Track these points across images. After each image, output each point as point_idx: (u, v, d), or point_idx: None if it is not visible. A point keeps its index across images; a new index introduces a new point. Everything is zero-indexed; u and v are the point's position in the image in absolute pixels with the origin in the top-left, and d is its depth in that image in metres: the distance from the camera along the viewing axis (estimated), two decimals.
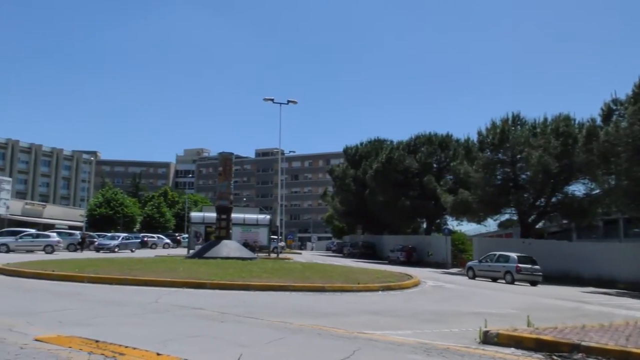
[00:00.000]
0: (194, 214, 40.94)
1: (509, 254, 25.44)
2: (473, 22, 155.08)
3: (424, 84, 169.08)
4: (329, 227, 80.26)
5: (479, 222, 39.10)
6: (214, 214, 28.54)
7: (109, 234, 44.68)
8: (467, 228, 50.02)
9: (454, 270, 34.33)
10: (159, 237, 52.28)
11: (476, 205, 33.06)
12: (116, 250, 37.23)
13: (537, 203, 33.11)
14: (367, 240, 53.28)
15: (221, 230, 26.98)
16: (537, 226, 36.24)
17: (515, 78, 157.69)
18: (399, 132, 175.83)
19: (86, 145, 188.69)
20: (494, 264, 25.57)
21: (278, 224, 45.41)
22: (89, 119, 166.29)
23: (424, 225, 51.28)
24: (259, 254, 32.01)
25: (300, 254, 51.26)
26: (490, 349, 6.81)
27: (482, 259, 27.20)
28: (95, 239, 40.62)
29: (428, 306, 12.14)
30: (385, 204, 45.53)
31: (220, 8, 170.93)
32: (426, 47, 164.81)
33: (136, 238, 44.26)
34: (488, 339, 7.30)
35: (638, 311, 14.28)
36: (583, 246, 31.03)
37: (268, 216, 41.02)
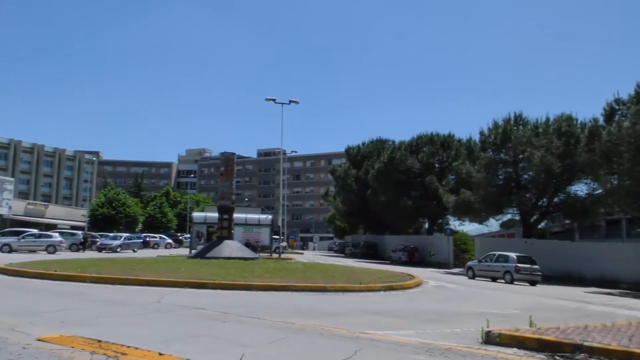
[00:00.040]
0: (196, 214, 40.97)
1: (508, 254, 25.42)
2: (474, 22, 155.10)
3: (426, 84, 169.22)
4: (331, 227, 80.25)
5: (481, 222, 39.06)
6: (216, 214, 28.57)
7: (111, 234, 44.73)
8: (469, 228, 49.98)
9: (456, 270, 34.26)
10: (161, 237, 52.38)
11: (478, 205, 33.02)
12: (118, 250, 37.29)
13: (540, 203, 33.05)
14: (369, 240, 53.27)
15: (223, 230, 27.00)
16: (540, 226, 36.15)
17: (516, 78, 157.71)
18: (400, 132, 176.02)
19: (88, 145, 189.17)
20: (493, 264, 25.56)
21: (280, 224, 45.40)
22: (91, 119, 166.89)
23: (426, 225, 51.23)
24: (261, 254, 32.02)
25: (302, 254, 51.26)
26: (493, 349, 6.81)
27: (482, 258, 27.23)
28: (98, 239, 40.72)
29: (430, 306, 12.13)
30: (387, 204, 45.51)
31: (221, 8, 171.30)
32: (427, 47, 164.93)
33: (138, 238, 44.35)
34: (490, 339, 7.29)
35: None
36: (585, 246, 30.97)
37: (270, 216, 41.04)
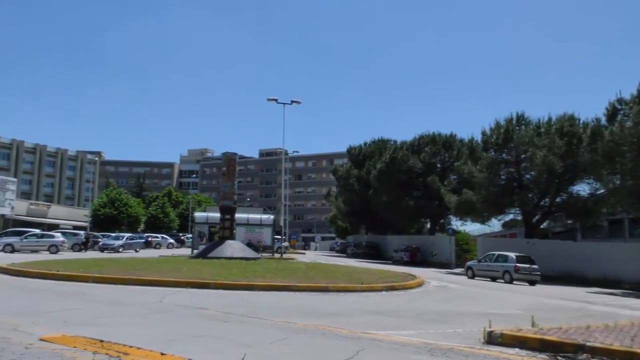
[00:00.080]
0: (198, 214, 41.01)
1: (508, 253, 25.49)
2: (475, 23, 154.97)
3: (427, 84, 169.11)
4: (333, 227, 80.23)
5: (483, 222, 38.98)
6: (218, 214, 28.59)
7: (113, 234, 44.80)
8: (471, 228, 49.91)
9: (458, 270, 34.18)
10: (163, 237, 52.46)
11: (480, 205, 32.97)
12: (120, 250, 37.33)
13: (542, 203, 32.99)
14: (371, 240, 53.25)
15: (225, 230, 27.01)
16: (542, 226, 36.10)
17: (518, 78, 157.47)
18: (402, 132, 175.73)
19: (90, 145, 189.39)
20: (492, 264, 25.64)
21: (282, 224, 45.49)
22: (94, 119, 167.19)
23: (428, 225, 51.18)
24: (263, 254, 32.03)
25: (303, 254, 51.24)
26: (495, 349, 6.80)
27: (481, 258, 27.37)
28: (100, 239, 40.79)
29: (432, 306, 12.12)
30: (389, 204, 45.48)
31: (222, 8, 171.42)
32: (429, 47, 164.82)
33: (140, 238, 44.42)
34: (492, 339, 7.29)
35: None
36: (588, 246, 30.90)
37: (272, 216, 41.06)
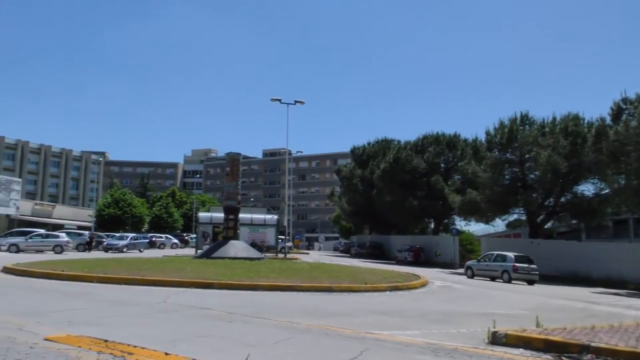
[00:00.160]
0: (202, 214, 41.06)
1: (506, 253, 25.70)
2: (476, 23, 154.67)
3: (430, 84, 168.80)
4: (337, 227, 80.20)
5: (487, 222, 38.90)
6: (222, 214, 28.60)
7: (118, 234, 44.94)
8: (475, 228, 49.83)
9: (462, 270, 34.07)
10: (167, 237, 52.54)
11: (484, 205, 32.89)
12: (124, 250, 37.44)
13: (546, 203, 32.88)
14: (375, 240, 53.21)
15: (229, 230, 27.01)
16: (546, 226, 35.98)
17: (518, 78, 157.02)
18: (406, 132, 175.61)
19: (95, 146, 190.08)
20: (491, 264, 25.85)
21: (285, 224, 45.49)
22: (98, 119, 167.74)
23: (432, 226, 51.12)
24: (267, 254, 32.04)
25: (307, 254, 51.29)
26: (499, 350, 6.79)
27: (481, 258, 27.70)
28: (104, 239, 40.91)
29: (436, 306, 12.10)
30: (393, 204, 45.44)
31: (225, 7, 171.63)
32: (431, 47, 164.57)
33: (144, 238, 44.53)
34: (496, 339, 7.27)
35: None
36: (592, 246, 30.81)
37: (275, 216, 41.06)
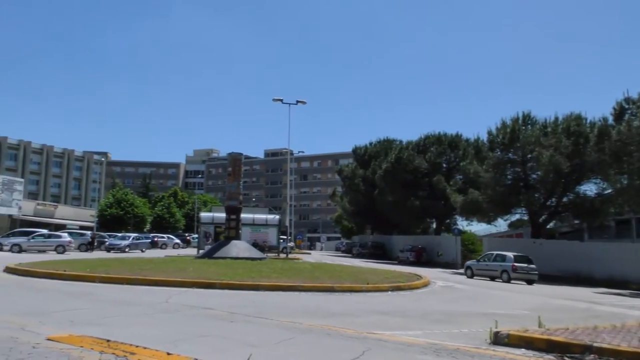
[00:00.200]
0: (204, 214, 41.08)
1: (506, 253, 25.87)
2: (476, 23, 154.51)
3: (432, 84, 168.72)
4: (338, 227, 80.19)
5: (489, 222, 38.87)
6: (224, 214, 28.63)
7: (120, 234, 45.00)
8: (477, 228, 49.72)
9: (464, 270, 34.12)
10: (169, 237, 52.60)
11: (486, 205, 32.86)
12: (127, 250, 37.50)
13: (548, 203, 32.83)
14: (377, 240, 53.18)
15: (230, 230, 27.04)
16: (548, 226, 35.92)
17: (519, 78, 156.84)
18: (408, 132, 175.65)
19: (97, 146, 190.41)
20: (491, 263, 25.99)
21: (287, 224, 45.41)
22: (100, 120, 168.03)
23: (434, 226, 51.06)
24: (268, 254, 32.07)
25: (309, 254, 51.28)
26: (501, 350, 6.78)
27: (480, 258, 27.87)
28: (106, 239, 40.98)
29: (438, 306, 12.09)
30: (395, 204, 45.41)
31: (227, 7, 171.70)
32: (433, 47, 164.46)
33: (146, 238, 44.60)
34: (498, 339, 7.26)
35: None
36: (595, 246, 30.75)
37: (277, 216, 41.07)
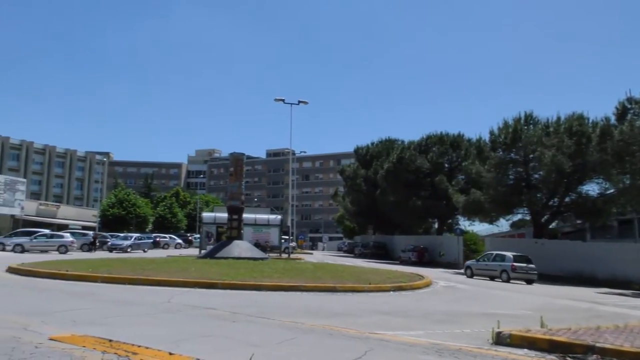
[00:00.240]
0: (206, 215, 41.10)
1: (505, 253, 26.03)
2: (476, 23, 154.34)
3: (431, 84, 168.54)
4: (340, 228, 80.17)
5: (491, 222, 38.82)
6: (226, 214, 28.65)
7: (122, 234, 45.07)
8: (479, 228, 49.68)
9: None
10: (171, 238, 52.66)
11: (488, 205, 32.82)
12: (129, 250, 37.54)
13: (550, 203, 32.79)
14: (379, 240, 53.16)
15: (232, 230, 27.05)
16: (551, 226, 35.89)
17: (519, 78, 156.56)
18: (410, 132, 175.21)
19: (99, 146, 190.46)
20: (490, 263, 26.15)
21: (289, 224, 45.44)
22: (102, 120, 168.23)
23: (436, 226, 51.01)
24: (270, 254, 32.07)
25: (311, 254, 51.27)
26: (503, 350, 6.77)
27: (480, 258, 28.02)
28: (108, 239, 41.04)
29: (440, 306, 12.08)
30: (397, 204, 45.39)
31: (228, 6, 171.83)
32: (430, 48, 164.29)
33: (148, 238, 44.66)
34: (501, 339, 7.25)
35: None
36: (597, 246, 30.68)
37: (279, 216, 41.06)
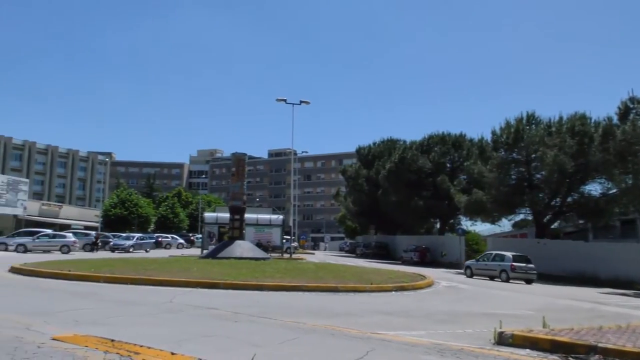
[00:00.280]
0: (208, 215, 41.12)
1: (505, 253, 26.12)
2: (476, 23, 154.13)
3: (431, 84, 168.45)
4: (342, 228, 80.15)
5: (493, 222, 38.77)
6: (227, 215, 28.64)
7: (124, 234, 45.14)
8: (481, 228, 49.68)
9: None
10: (173, 238, 52.70)
11: (490, 205, 32.77)
12: (131, 250, 37.59)
13: (553, 203, 32.72)
14: (380, 240, 53.10)
15: (234, 230, 27.04)
16: (553, 226, 35.83)
17: (521, 78, 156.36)
18: (411, 132, 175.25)
19: (101, 146, 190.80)
20: (490, 263, 26.24)
21: (291, 224, 45.49)
22: (105, 120, 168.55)
23: (438, 226, 50.97)
24: (272, 254, 32.07)
25: (313, 254, 51.25)
26: (505, 350, 6.76)
27: (479, 258, 28.09)
28: (110, 239, 41.09)
29: (442, 307, 12.07)
30: (398, 204, 45.35)
31: (228, 6, 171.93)
32: (432, 48, 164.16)
33: (150, 238, 44.72)
34: (503, 340, 7.24)
35: None
36: (599, 246, 30.63)
37: (281, 216, 41.06)
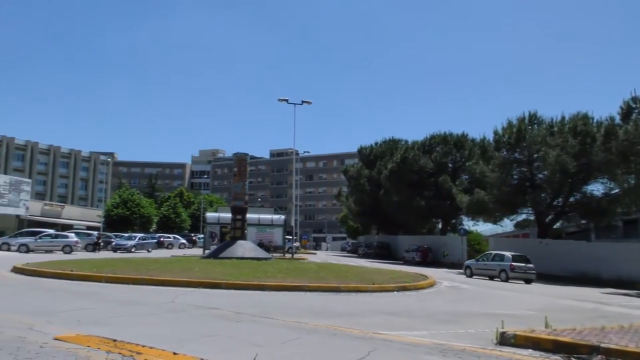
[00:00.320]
0: (210, 215, 41.17)
1: (504, 253, 26.22)
2: (476, 23, 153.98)
3: (431, 84, 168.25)
4: (344, 228, 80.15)
5: (495, 222, 38.72)
6: (229, 215, 28.67)
7: (126, 235, 45.19)
8: (483, 228, 49.61)
9: None
10: (175, 238, 52.75)
11: (492, 205, 32.74)
12: (133, 250, 37.63)
13: (555, 203, 32.68)
14: (382, 240, 53.11)
15: (236, 230, 27.08)
16: (555, 226, 35.75)
17: (521, 78, 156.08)
18: (413, 132, 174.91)
19: (103, 146, 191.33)
20: (489, 263, 26.35)
21: (293, 224, 45.50)
22: (106, 120, 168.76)
23: (440, 226, 50.94)
24: (274, 254, 32.09)
25: (314, 254, 51.27)
26: (507, 350, 6.76)
27: (479, 258, 28.20)
28: (112, 239, 41.14)
29: (443, 307, 12.07)
30: (400, 204, 45.33)
31: (228, 6, 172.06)
32: (432, 48, 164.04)
33: (152, 238, 44.75)
34: (505, 340, 7.23)
35: None
36: (602, 246, 30.57)
37: (283, 216, 41.07)
